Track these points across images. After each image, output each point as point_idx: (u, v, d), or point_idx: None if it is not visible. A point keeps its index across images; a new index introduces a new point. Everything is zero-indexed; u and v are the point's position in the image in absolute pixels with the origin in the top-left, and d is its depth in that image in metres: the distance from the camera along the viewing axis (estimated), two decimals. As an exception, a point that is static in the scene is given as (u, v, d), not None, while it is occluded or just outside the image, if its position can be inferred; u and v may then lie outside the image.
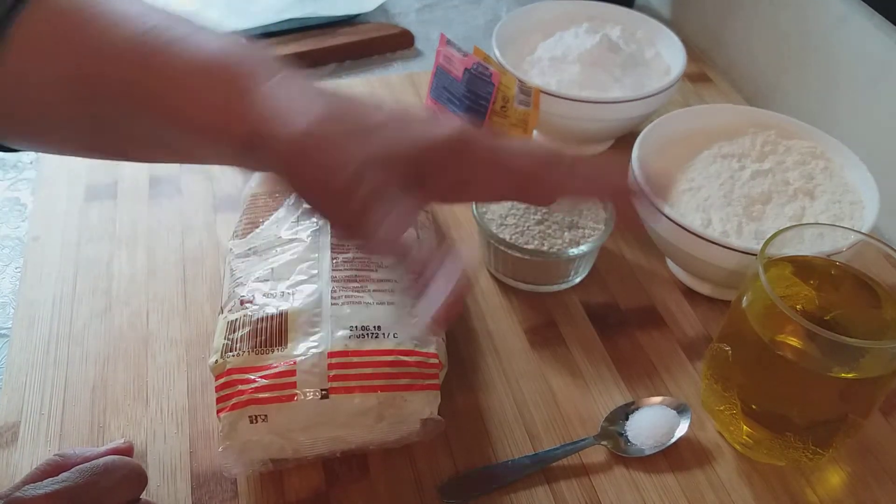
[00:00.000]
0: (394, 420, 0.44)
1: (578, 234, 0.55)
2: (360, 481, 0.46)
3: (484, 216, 0.57)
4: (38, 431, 0.48)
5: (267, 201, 0.55)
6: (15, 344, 0.53)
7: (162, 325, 0.55)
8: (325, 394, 0.42)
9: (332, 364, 0.43)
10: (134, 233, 0.61)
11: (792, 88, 0.76)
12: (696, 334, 0.56)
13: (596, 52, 0.67)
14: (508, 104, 0.63)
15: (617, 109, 0.65)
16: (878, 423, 0.50)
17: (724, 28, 0.85)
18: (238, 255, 0.51)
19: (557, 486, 0.46)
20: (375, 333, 0.45)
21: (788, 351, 0.41)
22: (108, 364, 0.52)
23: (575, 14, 0.74)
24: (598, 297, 0.58)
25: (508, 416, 0.50)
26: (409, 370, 0.44)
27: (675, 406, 0.49)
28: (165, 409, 0.49)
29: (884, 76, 0.65)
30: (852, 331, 0.42)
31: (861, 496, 0.46)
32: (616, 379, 0.52)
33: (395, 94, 0.77)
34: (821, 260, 0.46)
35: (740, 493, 0.46)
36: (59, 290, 0.57)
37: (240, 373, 0.43)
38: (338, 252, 0.49)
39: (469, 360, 0.53)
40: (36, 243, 0.60)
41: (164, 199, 0.64)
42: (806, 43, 0.73)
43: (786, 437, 0.44)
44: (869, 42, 0.66)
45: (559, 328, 0.55)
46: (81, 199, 0.64)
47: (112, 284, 0.57)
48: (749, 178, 0.56)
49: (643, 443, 0.47)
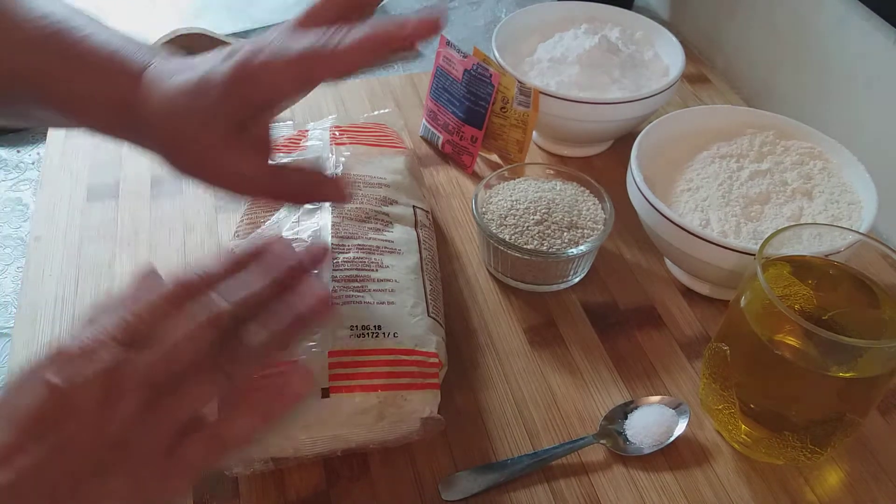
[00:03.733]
0: (394, 419, 0.44)
1: (577, 234, 0.56)
2: (360, 480, 0.46)
3: (483, 216, 0.57)
4: (41, 430, 0.48)
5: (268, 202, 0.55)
6: (17, 344, 0.53)
7: (163, 324, 0.55)
8: (326, 393, 0.43)
9: (333, 363, 0.43)
10: (135, 233, 0.62)
11: (790, 89, 0.77)
12: (695, 334, 0.56)
13: (595, 53, 0.67)
14: (508, 105, 0.64)
15: (616, 110, 0.65)
16: (876, 422, 0.50)
17: (723, 29, 0.85)
18: (239, 255, 0.51)
19: (557, 485, 0.46)
20: (376, 333, 0.45)
21: (786, 350, 0.42)
22: (110, 363, 0.52)
23: (574, 15, 0.74)
24: (598, 297, 0.58)
25: (508, 415, 0.50)
26: (409, 369, 0.45)
27: (673, 405, 0.49)
28: (167, 409, 0.50)
29: (881, 76, 0.65)
30: (850, 330, 0.42)
31: (859, 495, 0.46)
32: (615, 378, 0.52)
33: (396, 96, 0.78)
34: (819, 260, 0.46)
35: (738, 492, 0.46)
36: (61, 290, 0.57)
37: (241, 372, 0.44)
38: (338, 252, 0.49)
39: (469, 360, 0.53)
40: (38, 243, 0.60)
41: (166, 199, 0.65)
42: (804, 44, 0.74)
43: (784, 436, 0.44)
44: (867, 43, 0.66)
45: (558, 328, 0.56)
46: (83, 200, 0.64)
47: (114, 284, 0.57)
48: (747, 178, 0.57)
49: (642, 441, 0.48)
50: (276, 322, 0.34)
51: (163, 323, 0.32)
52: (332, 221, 0.51)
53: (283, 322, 0.34)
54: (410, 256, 0.51)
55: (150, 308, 0.32)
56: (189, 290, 0.33)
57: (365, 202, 0.54)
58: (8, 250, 0.62)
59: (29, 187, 0.68)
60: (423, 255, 0.52)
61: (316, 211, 0.52)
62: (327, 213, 0.52)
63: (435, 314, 0.49)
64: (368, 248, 0.50)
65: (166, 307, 0.32)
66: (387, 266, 0.49)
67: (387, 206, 0.54)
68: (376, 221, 0.53)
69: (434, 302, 0.50)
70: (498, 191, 0.59)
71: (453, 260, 0.61)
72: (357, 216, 0.52)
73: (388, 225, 0.53)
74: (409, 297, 0.48)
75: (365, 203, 0.53)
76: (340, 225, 0.51)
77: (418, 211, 0.56)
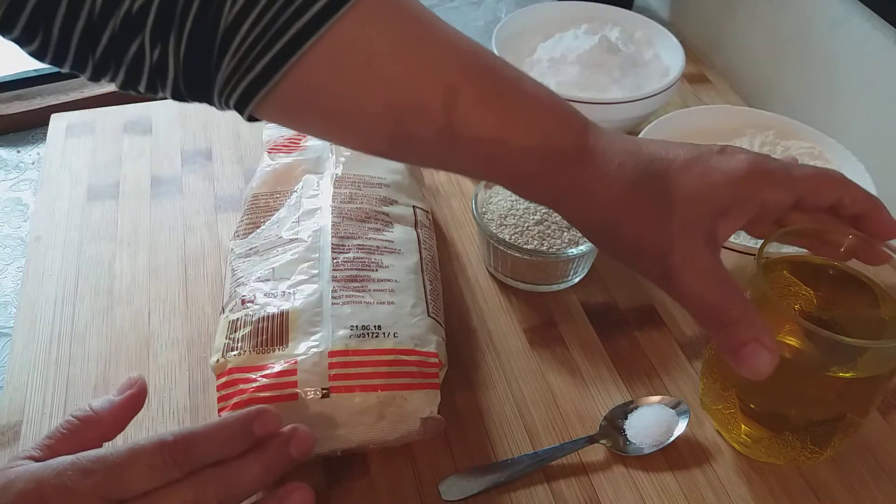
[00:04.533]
0: (394, 419, 0.44)
1: (577, 234, 0.56)
2: (360, 480, 0.46)
3: (484, 216, 0.57)
4: (40, 431, 0.48)
5: (268, 202, 0.55)
6: (17, 343, 0.53)
7: (163, 324, 0.55)
8: (326, 393, 0.43)
9: (333, 363, 0.43)
10: (135, 233, 0.62)
11: (790, 89, 0.77)
12: (695, 334, 0.56)
13: (595, 53, 0.68)
14: (508, 105, 0.64)
15: (616, 110, 0.65)
16: (876, 422, 0.50)
17: (723, 29, 0.85)
18: (239, 255, 0.51)
19: (556, 485, 0.46)
20: (376, 333, 0.45)
21: (787, 350, 0.42)
22: (110, 363, 0.52)
23: (574, 15, 0.74)
24: (598, 297, 0.58)
25: (508, 415, 0.50)
26: (410, 369, 0.45)
27: (673, 405, 0.49)
28: (167, 409, 0.50)
29: (882, 77, 0.65)
30: (850, 330, 0.42)
31: (859, 495, 0.46)
32: (615, 378, 0.52)
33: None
34: (819, 259, 0.46)
35: (738, 492, 0.46)
36: (61, 290, 0.57)
37: (241, 372, 0.44)
38: (338, 252, 0.49)
39: (469, 360, 0.53)
40: (38, 243, 0.60)
41: (166, 199, 0.65)
42: (804, 44, 0.74)
43: (784, 436, 0.44)
44: (867, 43, 0.66)
45: (558, 328, 0.56)
46: (83, 199, 0.64)
47: (114, 284, 0.57)
48: (747, 178, 0.57)
49: (642, 442, 0.48)
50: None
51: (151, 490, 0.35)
52: (333, 221, 0.51)
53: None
54: (410, 256, 0.51)
55: (138, 474, 0.35)
56: (173, 455, 0.35)
57: (365, 202, 0.54)
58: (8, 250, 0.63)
59: (29, 187, 0.68)
60: (423, 255, 0.52)
61: (316, 211, 0.52)
62: (327, 214, 0.52)
63: (435, 314, 0.49)
64: (368, 248, 0.50)
65: (154, 477, 0.35)
66: (387, 266, 0.49)
67: (387, 206, 0.54)
68: (376, 221, 0.53)
69: (434, 302, 0.50)
70: (498, 191, 0.59)
71: (453, 260, 0.61)
72: (357, 216, 0.52)
73: (388, 225, 0.53)
74: (409, 297, 0.48)
75: (365, 203, 0.54)
76: (340, 225, 0.51)
77: (418, 211, 0.56)
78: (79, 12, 0.34)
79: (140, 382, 0.41)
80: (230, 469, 0.37)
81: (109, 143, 0.70)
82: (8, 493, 0.33)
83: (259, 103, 0.36)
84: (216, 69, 0.35)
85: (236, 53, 0.34)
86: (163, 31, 0.34)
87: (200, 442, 0.37)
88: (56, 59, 0.36)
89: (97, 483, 0.34)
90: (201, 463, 0.36)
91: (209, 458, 0.36)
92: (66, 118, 0.74)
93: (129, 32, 0.34)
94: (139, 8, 0.34)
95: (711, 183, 0.37)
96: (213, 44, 0.35)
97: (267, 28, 0.34)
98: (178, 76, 0.36)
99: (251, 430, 0.38)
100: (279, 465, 0.38)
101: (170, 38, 0.35)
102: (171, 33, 0.34)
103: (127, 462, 0.35)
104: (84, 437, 0.38)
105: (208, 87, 0.36)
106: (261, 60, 0.34)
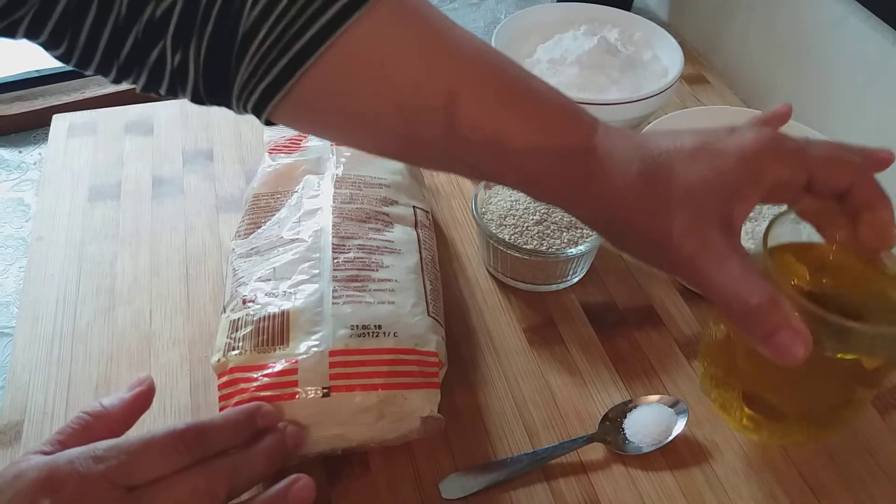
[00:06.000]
0: (394, 418, 0.44)
1: (576, 233, 0.56)
2: (360, 479, 0.46)
3: (483, 216, 0.57)
4: (42, 430, 0.48)
5: (269, 202, 0.55)
6: (19, 343, 0.54)
7: (165, 324, 0.55)
8: (327, 392, 0.43)
9: (334, 363, 0.44)
10: (137, 232, 0.62)
11: (788, 90, 0.77)
12: (693, 333, 0.56)
13: (594, 54, 0.68)
14: (508, 106, 0.64)
15: (615, 111, 0.65)
16: (874, 421, 0.50)
17: (722, 30, 0.86)
18: (240, 255, 0.52)
19: (556, 484, 0.46)
20: (376, 332, 0.46)
21: None
22: (112, 363, 0.52)
23: (573, 16, 0.74)
24: (597, 297, 0.58)
25: (507, 415, 0.50)
26: (410, 369, 0.45)
27: (672, 404, 0.50)
28: (168, 408, 0.50)
29: (879, 77, 0.65)
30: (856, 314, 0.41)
31: (858, 494, 0.47)
32: (614, 377, 0.53)
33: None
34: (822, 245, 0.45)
35: (738, 491, 0.46)
36: (63, 290, 0.57)
37: (242, 371, 0.44)
38: (339, 252, 0.49)
39: (468, 359, 0.53)
40: (40, 243, 0.61)
41: (167, 200, 0.65)
42: (802, 45, 0.74)
43: (787, 418, 0.44)
44: (864, 43, 0.66)
45: (558, 327, 0.56)
46: (85, 200, 0.65)
47: (115, 284, 0.58)
48: (746, 178, 0.57)
49: (641, 441, 0.48)
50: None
51: (162, 477, 0.36)
52: (333, 222, 0.51)
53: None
54: (410, 256, 0.52)
55: (150, 461, 0.36)
56: (186, 443, 0.37)
57: (365, 202, 0.54)
58: (10, 250, 0.63)
59: (31, 187, 0.69)
60: (423, 255, 0.53)
61: (316, 211, 0.52)
62: (328, 214, 0.52)
63: (435, 314, 0.49)
64: (369, 248, 0.50)
65: (166, 463, 0.36)
66: (387, 266, 0.50)
67: (387, 206, 0.55)
68: (376, 221, 0.53)
69: (434, 302, 0.50)
70: (498, 191, 0.59)
71: (453, 260, 0.61)
72: (357, 216, 0.52)
73: (389, 225, 0.53)
74: (409, 296, 0.48)
75: (365, 203, 0.54)
76: (341, 225, 0.51)
77: (418, 211, 0.56)
78: (106, 19, 0.35)
79: (149, 381, 0.43)
80: (237, 457, 0.39)
81: (111, 143, 0.71)
82: (20, 482, 0.34)
83: (276, 107, 0.37)
84: (234, 74, 0.36)
85: (253, 58, 0.35)
86: (184, 37, 0.35)
87: (210, 431, 0.38)
88: (81, 63, 0.37)
89: (110, 469, 0.35)
90: (211, 451, 0.38)
91: (218, 447, 0.38)
92: (68, 119, 0.74)
93: (151, 38, 0.35)
94: (161, 14, 0.35)
95: (719, 167, 0.36)
96: (231, 50, 0.35)
97: (283, 33, 0.35)
98: (198, 81, 0.37)
99: (255, 422, 0.40)
100: (279, 455, 0.41)
101: (190, 43, 0.35)
102: (192, 39, 0.35)
103: (140, 449, 0.36)
104: (94, 432, 0.39)
105: (227, 92, 0.37)
106: (277, 65, 0.35)
